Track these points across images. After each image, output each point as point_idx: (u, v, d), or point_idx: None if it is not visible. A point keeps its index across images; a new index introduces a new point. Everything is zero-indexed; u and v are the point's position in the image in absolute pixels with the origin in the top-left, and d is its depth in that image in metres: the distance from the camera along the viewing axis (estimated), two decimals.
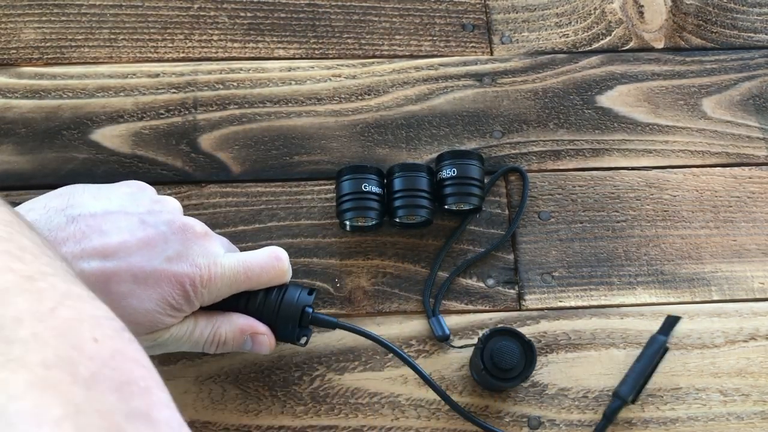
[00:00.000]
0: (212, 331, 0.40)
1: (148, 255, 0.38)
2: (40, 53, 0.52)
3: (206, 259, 0.39)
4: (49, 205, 0.38)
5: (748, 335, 0.47)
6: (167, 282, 0.37)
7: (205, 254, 0.39)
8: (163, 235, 0.39)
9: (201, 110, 0.51)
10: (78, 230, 0.37)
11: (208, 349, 0.41)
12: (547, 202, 0.50)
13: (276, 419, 0.44)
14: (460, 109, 0.52)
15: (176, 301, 0.38)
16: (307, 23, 0.55)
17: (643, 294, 0.48)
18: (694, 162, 0.52)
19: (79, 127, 0.50)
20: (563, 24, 0.56)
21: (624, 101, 0.53)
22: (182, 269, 0.38)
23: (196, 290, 0.38)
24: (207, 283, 0.39)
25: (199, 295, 0.39)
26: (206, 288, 0.39)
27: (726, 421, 0.45)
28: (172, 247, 0.38)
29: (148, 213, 0.39)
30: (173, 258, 0.38)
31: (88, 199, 0.39)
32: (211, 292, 0.39)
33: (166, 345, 0.39)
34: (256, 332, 0.41)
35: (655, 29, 0.56)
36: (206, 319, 0.40)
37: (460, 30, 0.55)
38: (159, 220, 0.39)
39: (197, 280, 0.38)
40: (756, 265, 0.49)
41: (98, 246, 0.37)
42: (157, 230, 0.39)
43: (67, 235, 0.37)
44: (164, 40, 0.53)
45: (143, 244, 0.38)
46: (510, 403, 0.45)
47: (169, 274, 0.37)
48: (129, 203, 0.40)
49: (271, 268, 0.41)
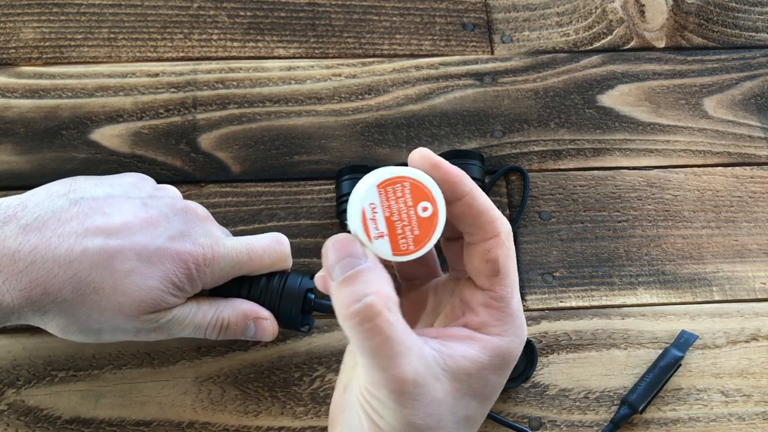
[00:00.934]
0: (215, 315, 0.40)
1: (151, 234, 0.38)
2: (39, 53, 0.52)
3: (209, 239, 0.40)
4: (51, 190, 0.39)
5: (749, 335, 0.47)
6: (170, 260, 0.38)
7: (207, 234, 0.40)
8: (166, 216, 0.39)
9: (200, 110, 0.51)
10: (81, 211, 0.37)
11: (211, 335, 0.40)
12: (548, 201, 0.50)
13: (276, 420, 0.43)
14: (461, 109, 0.52)
15: (179, 280, 0.38)
16: (307, 22, 0.54)
17: (644, 294, 0.48)
18: (696, 162, 0.52)
19: (78, 126, 0.50)
20: (564, 23, 0.56)
21: (625, 101, 0.53)
22: (185, 247, 0.38)
23: (199, 269, 0.38)
24: (210, 261, 0.39)
25: (202, 274, 0.39)
26: (209, 267, 0.39)
27: (727, 422, 0.44)
28: (175, 226, 0.39)
29: (150, 197, 0.40)
30: (176, 237, 0.39)
31: (90, 185, 0.40)
32: (214, 272, 0.39)
33: (169, 327, 0.39)
34: (259, 317, 0.41)
35: (656, 28, 0.56)
36: (209, 303, 0.40)
37: (461, 29, 0.55)
38: (161, 203, 0.40)
39: (200, 259, 0.38)
40: (757, 265, 0.49)
41: (101, 225, 0.37)
42: (160, 211, 0.39)
43: (70, 215, 0.37)
44: (163, 39, 0.53)
45: (146, 224, 0.38)
46: (511, 403, 0.44)
47: (172, 252, 0.38)
48: (131, 189, 0.40)
49: (273, 251, 0.41)
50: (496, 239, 0.30)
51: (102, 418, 0.43)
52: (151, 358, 0.44)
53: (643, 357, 0.46)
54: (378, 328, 0.27)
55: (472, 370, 0.29)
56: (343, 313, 0.28)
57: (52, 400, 0.43)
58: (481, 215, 0.30)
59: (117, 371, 0.44)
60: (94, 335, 0.38)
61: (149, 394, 0.44)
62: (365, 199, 0.28)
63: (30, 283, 0.35)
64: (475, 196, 0.30)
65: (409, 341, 0.28)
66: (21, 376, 0.43)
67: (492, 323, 0.30)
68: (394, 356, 0.27)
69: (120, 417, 0.43)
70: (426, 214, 0.29)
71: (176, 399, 0.44)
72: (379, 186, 0.28)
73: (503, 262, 0.30)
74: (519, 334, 0.31)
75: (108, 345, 0.44)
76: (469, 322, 0.31)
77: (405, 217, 0.29)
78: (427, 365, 0.28)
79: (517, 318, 0.31)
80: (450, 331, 0.30)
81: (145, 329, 0.38)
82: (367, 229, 0.28)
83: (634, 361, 0.46)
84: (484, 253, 0.30)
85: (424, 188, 0.29)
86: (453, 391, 0.29)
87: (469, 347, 0.29)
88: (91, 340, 0.39)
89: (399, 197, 0.29)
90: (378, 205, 0.28)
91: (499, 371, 0.30)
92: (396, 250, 0.29)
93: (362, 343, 0.28)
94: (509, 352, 0.30)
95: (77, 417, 0.43)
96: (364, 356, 0.28)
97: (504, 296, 0.30)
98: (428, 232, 0.29)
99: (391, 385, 0.27)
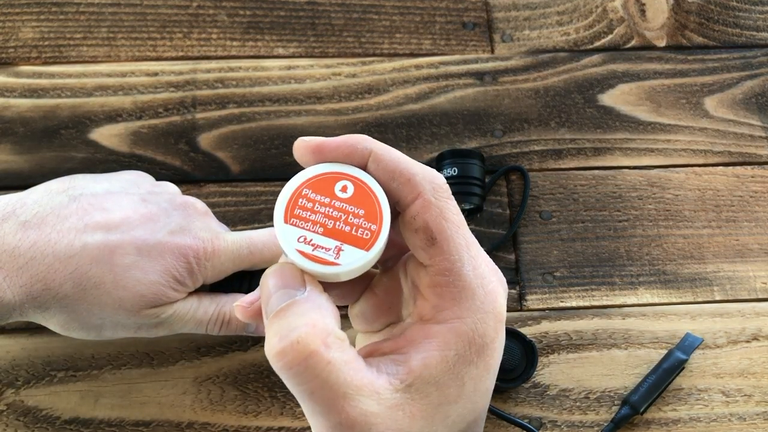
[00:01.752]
0: (216, 309, 0.40)
1: (151, 228, 0.38)
2: (38, 52, 0.52)
3: (209, 233, 0.40)
4: (50, 187, 0.39)
5: (750, 335, 0.47)
6: (170, 254, 0.38)
7: (207, 229, 0.40)
8: (165, 211, 0.39)
9: (200, 109, 0.51)
10: (80, 207, 0.38)
11: (212, 330, 0.40)
12: (548, 201, 0.50)
13: (275, 420, 0.43)
14: (461, 108, 0.52)
15: (180, 274, 0.38)
16: (307, 21, 0.54)
17: (645, 294, 0.48)
18: (697, 161, 0.52)
19: (77, 126, 0.50)
20: (564, 22, 0.55)
21: (626, 100, 0.53)
22: (185, 241, 0.38)
23: (199, 263, 0.38)
24: (210, 255, 0.39)
25: (202, 268, 0.39)
26: (209, 261, 0.39)
27: (728, 422, 0.44)
28: (175, 221, 0.39)
29: (149, 193, 0.40)
30: (176, 231, 0.39)
31: (89, 182, 0.40)
32: (215, 267, 0.39)
33: (170, 323, 0.39)
34: None
35: (656, 27, 0.56)
36: (210, 298, 0.40)
37: (461, 28, 0.55)
38: (160, 199, 0.40)
39: (200, 253, 0.38)
40: (758, 265, 0.49)
41: (101, 220, 0.37)
42: (159, 207, 0.39)
43: (69, 212, 0.37)
44: (163, 38, 0.53)
45: (146, 219, 0.38)
46: (511, 404, 0.44)
47: (172, 246, 0.38)
48: (129, 186, 0.41)
49: (273, 245, 0.41)
50: (419, 201, 0.25)
51: (101, 418, 0.43)
52: (150, 358, 0.44)
53: (644, 357, 0.46)
54: (312, 371, 0.22)
55: (439, 375, 0.24)
56: (269, 354, 0.23)
57: (51, 401, 0.43)
58: (392, 177, 0.25)
59: (116, 371, 0.44)
60: (95, 331, 0.38)
61: (148, 394, 0.43)
62: (290, 234, 0.25)
63: (30, 279, 0.35)
64: (380, 155, 0.25)
65: (356, 380, 0.23)
66: (20, 377, 0.43)
67: (444, 305, 0.25)
68: (336, 400, 0.23)
69: (119, 417, 0.43)
70: (347, 194, 0.25)
71: (175, 399, 0.43)
72: (286, 216, 0.25)
73: (436, 227, 0.24)
74: (485, 308, 0.25)
75: (107, 345, 0.44)
76: (422, 312, 0.25)
77: (337, 214, 0.25)
78: (380, 399, 0.23)
79: (478, 288, 0.25)
80: (407, 336, 0.25)
81: (147, 325, 0.38)
82: (315, 258, 0.25)
83: (634, 361, 0.45)
84: (410, 222, 0.25)
85: (325, 177, 0.25)
86: (421, 411, 0.24)
87: (428, 349, 0.24)
88: (91, 336, 0.39)
89: (313, 204, 0.25)
90: (305, 231, 0.25)
91: (476, 360, 0.25)
92: (366, 245, 0.25)
93: (295, 388, 0.23)
94: (478, 334, 0.24)
95: (76, 417, 0.43)
96: (302, 401, 0.24)
97: (449, 268, 0.24)
98: (371, 203, 0.25)
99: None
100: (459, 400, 0.25)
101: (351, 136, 0.25)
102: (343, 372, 0.23)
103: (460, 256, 0.25)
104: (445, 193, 0.25)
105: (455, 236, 0.25)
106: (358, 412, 0.23)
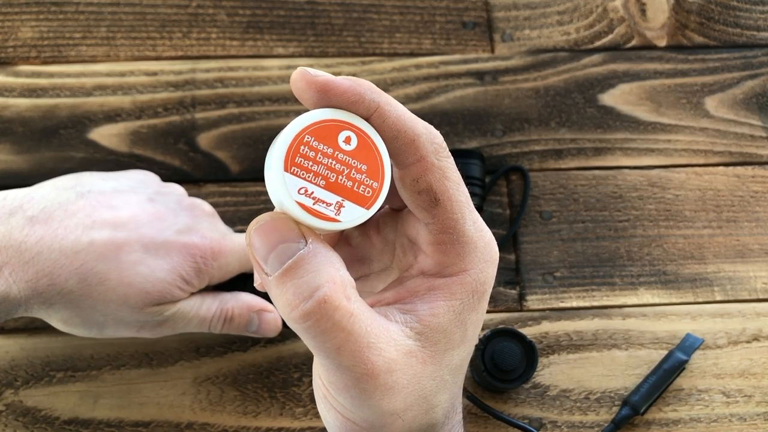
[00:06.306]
0: (219, 307, 0.40)
1: (158, 227, 0.38)
2: (37, 51, 0.52)
3: (216, 233, 0.40)
4: (58, 183, 0.39)
5: (751, 336, 0.46)
6: (177, 253, 0.38)
7: (214, 229, 0.40)
8: (173, 211, 0.39)
9: (199, 109, 0.51)
10: (88, 204, 0.38)
11: (215, 328, 0.40)
12: (548, 201, 0.50)
13: (275, 421, 0.43)
14: (461, 108, 0.52)
15: (186, 273, 0.38)
16: (307, 21, 0.54)
17: (645, 294, 0.47)
18: (697, 161, 0.51)
19: (76, 126, 0.50)
20: (565, 22, 0.55)
21: (626, 100, 0.53)
22: (193, 241, 0.38)
23: (206, 262, 0.38)
24: (217, 255, 0.39)
25: (209, 267, 0.39)
26: (216, 261, 0.39)
27: (729, 423, 0.44)
28: (182, 220, 0.39)
29: (156, 193, 0.40)
30: (183, 231, 0.39)
31: (97, 179, 0.40)
32: (222, 267, 0.39)
33: (174, 321, 0.39)
34: (264, 309, 0.41)
35: (657, 27, 0.56)
36: (213, 295, 0.41)
37: (461, 28, 0.55)
38: (168, 199, 0.40)
39: (207, 252, 0.38)
40: (759, 265, 0.48)
41: (109, 218, 0.37)
42: (167, 206, 0.39)
43: (76, 208, 0.37)
44: (162, 38, 0.53)
45: (153, 218, 0.38)
46: (511, 404, 0.44)
47: (179, 245, 0.38)
48: (137, 185, 0.41)
49: None
50: (421, 163, 0.25)
51: (100, 418, 0.43)
52: (149, 358, 0.44)
53: (644, 357, 0.45)
54: (339, 326, 0.23)
55: (447, 323, 0.25)
56: (292, 315, 0.23)
57: (50, 401, 0.43)
58: (396, 136, 0.24)
59: (115, 372, 0.44)
60: (97, 329, 0.38)
61: (148, 394, 0.43)
62: (291, 184, 0.23)
63: (36, 274, 0.35)
64: (386, 113, 0.24)
65: (374, 327, 0.23)
66: (19, 377, 0.43)
67: (450, 261, 0.25)
68: (361, 351, 0.23)
69: (118, 418, 0.43)
70: (351, 146, 0.24)
71: (175, 400, 0.43)
72: (286, 163, 0.23)
73: (439, 188, 0.25)
74: (486, 258, 0.26)
75: (106, 345, 0.44)
76: (424, 268, 0.26)
77: (340, 167, 0.23)
78: (398, 345, 0.24)
79: (478, 241, 0.26)
80: (408, 288, 0.26)
81: (150, 323, 0.38)
82: (315, 212, 0.23)
83: (635, 361, 0.45)
84: (413, 184, 0.25)
85: (329, 124, 0.24)
86: (431, 357, 0.25)
87: (435, 301, 0.25)
88: (93, 334, 0.38)
89: (315, 153, 0.23)
90: (307, 183, 0.23)
91: (476, 306, 0.26)
92: (367, 203, 0.24)
93: (321, 345, 0.23)
94: (481, 283, 0.26)
95: (75, 418, 0.43)
96: (326, 358, 0.24)
97: (452, 225, 0.25)
98: (373, 159, 0.24)
99: (362, 384, 0.23)
100: (462, 344, 0.26)
101: (358, 83, 0.24)
102: (365, 322, 0.23)
103: (462, 213, 0.25)
104: (445, 152, 0.25)
105: (456, 194, 0.25)
106: (382, 361, 0.23)
